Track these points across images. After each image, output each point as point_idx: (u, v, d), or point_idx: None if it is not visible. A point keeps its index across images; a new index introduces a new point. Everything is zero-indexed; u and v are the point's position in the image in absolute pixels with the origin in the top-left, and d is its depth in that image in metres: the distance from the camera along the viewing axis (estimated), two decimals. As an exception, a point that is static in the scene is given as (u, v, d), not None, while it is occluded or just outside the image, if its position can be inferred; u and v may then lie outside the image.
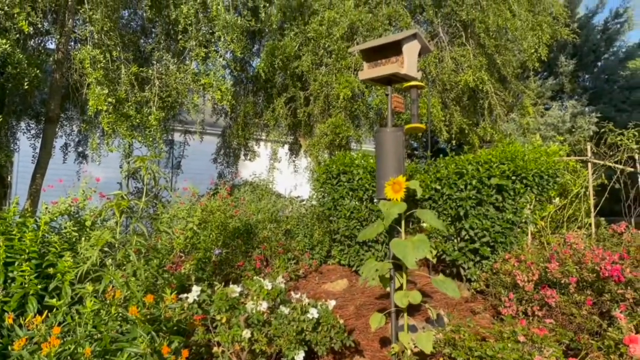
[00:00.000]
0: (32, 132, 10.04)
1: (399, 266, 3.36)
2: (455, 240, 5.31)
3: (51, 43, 9.09)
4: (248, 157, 12.62)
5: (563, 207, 6.89)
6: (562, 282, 4.02)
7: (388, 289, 3.48)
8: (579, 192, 6.82)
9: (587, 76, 15.28)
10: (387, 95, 3.61)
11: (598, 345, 3.19)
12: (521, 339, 3.11)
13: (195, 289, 3.51)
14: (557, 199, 6.91)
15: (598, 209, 6.95)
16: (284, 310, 3.34)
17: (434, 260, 4.21)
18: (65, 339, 2.78)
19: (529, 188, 4.97)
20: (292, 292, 3.73)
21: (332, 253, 6.35)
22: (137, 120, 7.22)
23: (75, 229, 4.15)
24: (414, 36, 3.51)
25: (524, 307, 4.08)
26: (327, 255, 6.48)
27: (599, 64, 15.23)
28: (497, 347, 3.01)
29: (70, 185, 4.83)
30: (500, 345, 3.05)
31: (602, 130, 7.28)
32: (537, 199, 5.24)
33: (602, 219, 7.41)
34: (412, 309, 4.32)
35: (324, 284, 5.60)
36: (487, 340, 3.26)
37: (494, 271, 4.70)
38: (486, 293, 4.73)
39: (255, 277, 3.67)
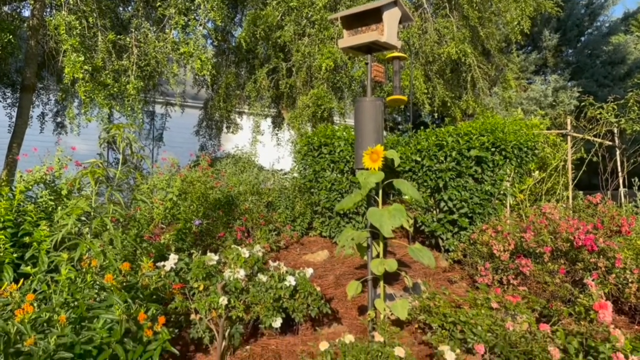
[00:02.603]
0: (8, 101, 9.83)
1: (376, 235, 3.38)
2: (435, 212, 5.36)
3: (26, 10, 8.84)
4: (230, 130, 12.50)
5: (542, 181, 6.96)
6: (537, 251, 4.09)
7: (365, 258, 3.51)
8: (558, 165, 6.90)
9: (570, 51, 15.31)
10: (367, 64, 3.57)
11: (569, 312, 3.27)
12: (494, 305, 3.17)
13: (173, 257, 3.51)
14: (537, 172, 6.97)
15: (576, 182, 7.04)
16: (262, 277, 3.36)
17: (411, 230, 4.24)
18: (40, 307, 2.77)
19: (508, 160, 5.01)
20: (270, 262, 3.74)
21: (314, 225, 6.37)
22: (115, 89, 7.08)
23: (52, 198, 4.11)
24: (395, 3, 3.47)
25: (499, 276, 4.16)
26: (309, 227, 6.50)
27: (583, 38, 15.25)
28: (470, 314, 3.07)
29: (47, 155, 4.75)
30: (473, 311, 3.11)
31: (583, 104, 7.32)
32: (517, 171, 5.29)
33: (581, 192, 7.52)
34: (390, 278, 4.38)
35: (304, 255, 5.63)
36: (461, 308, 3.32)
37: (472, 242, 4.76)
38: (464, 263, 4.80)
39: (233, 246, 3.68)
